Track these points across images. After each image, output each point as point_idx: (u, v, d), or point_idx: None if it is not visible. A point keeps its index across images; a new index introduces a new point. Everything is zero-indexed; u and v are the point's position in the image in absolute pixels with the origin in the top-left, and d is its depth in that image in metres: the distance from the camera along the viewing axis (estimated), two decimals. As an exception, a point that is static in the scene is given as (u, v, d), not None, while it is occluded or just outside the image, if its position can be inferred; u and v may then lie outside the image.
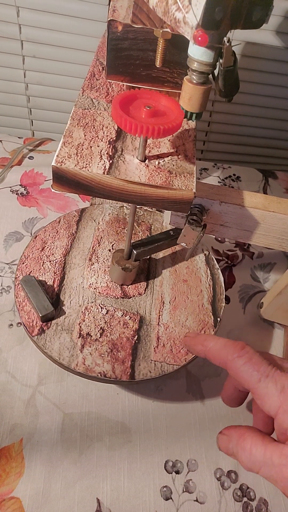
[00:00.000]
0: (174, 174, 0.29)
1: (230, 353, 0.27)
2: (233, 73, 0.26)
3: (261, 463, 0.25)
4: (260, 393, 0.25)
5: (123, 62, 0.31)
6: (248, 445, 0.25)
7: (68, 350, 0.35)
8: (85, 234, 0.44)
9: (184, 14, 0.23)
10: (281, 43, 0.58)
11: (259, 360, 0.26)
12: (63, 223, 0.45)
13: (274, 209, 0.36)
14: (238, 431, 0.27)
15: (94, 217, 0.46)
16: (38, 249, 0.42)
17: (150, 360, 0.36)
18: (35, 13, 0.56)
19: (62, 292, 0.39)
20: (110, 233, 0.45)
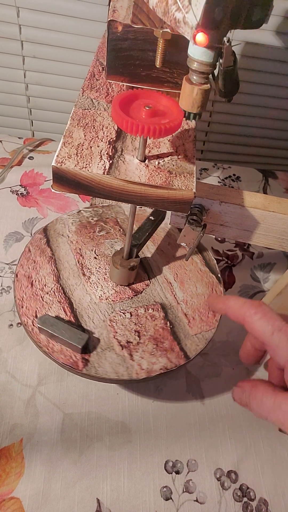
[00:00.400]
0: (174, 174, 0.29)
1: (248, 310, 0.29)
2: (233, 73, 0.26)
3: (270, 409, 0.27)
4: (273, 345, 0.28)
5: (123, 62, 0.31)
6: (260, 394, 0.28)
7: (120, 365, 0.35)
8: (62, 252, 0.42)
9: (184, 14, 0.23)
10: (281, 43, 0.58)
11: (273, 316, 0.29)
12: (34, 250, 0.42)
13: (274, 209, 0.36)
14: (251, 383, 0.29)
15: (61, 232, 0.44)
16: (27, 287, 0.39)
17: (191, 336, 0.38)
18: (35, 14, 0.56)
19: (78, 316, 0.37)
20: (85, 241, 0.43)
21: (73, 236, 0.44)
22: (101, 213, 0.47)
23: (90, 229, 0.45)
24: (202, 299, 0.41)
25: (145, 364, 0.35)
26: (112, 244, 0.44)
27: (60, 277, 0.40)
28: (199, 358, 0.44)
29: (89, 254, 0.42)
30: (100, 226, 0.45)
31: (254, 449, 0.39)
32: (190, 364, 0.43)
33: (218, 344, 0.45)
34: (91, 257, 0.42)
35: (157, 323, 0.38)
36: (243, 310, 0.30)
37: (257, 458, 0.38)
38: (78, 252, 0.42)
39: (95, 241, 0.44)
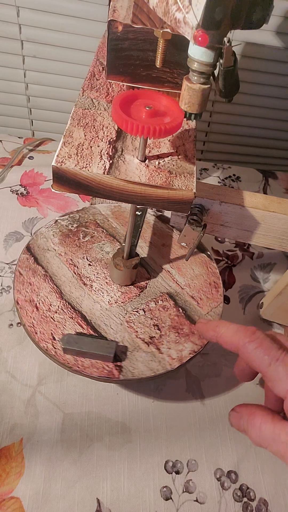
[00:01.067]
0: (174, 174, 0.29)
1: (242, 339, 0.28)
2: (233, 74, 0.26)
3: (269, 439, 0.26)
4: (271, 377, 0.27)
5: (123, 62, 0.31)
6: (258, 422, 0.27)
7: (152, 361, 0.35)
8: (55, 267, 0.41)
9: (184, 14, 0.23)
10: (281, 43, 0.58)
11: (269, 345, 0.27)
12: (26, 272, 0.40)
13: (274, 209, 0.36)
14: (249, 408, 0.28)
15: (45, 247, 0.42)
16: (33, 311, 0.37)
17: (205, 315, 0.40)
18: (35, 13, 0.56)
19: (96, 326, 0.37)
20: (73, 250, 0.42)
21: (59, 248, 0.42)
22: (78, 218, 0.45)
23: (74, 236, 0.44)
24: (202, 279, 0.42)
25: (174, 353, 0.36)
26: (100, 247, 0.43)
27: (63, 293, 0.39)
28: (199, 358, 0.44)
29: (82, 262, 0.41)
30: (83, 231, 0.44)
31: (254, 449, 0.39)
32: (190, 364, 0.43)
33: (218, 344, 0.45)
34: (85, 265, 0.41)
35: (170, 312, 0.39)
36: (236, 338, 0.29)
37: (257, 458, 0.38)
38: (71, 263, 0.41)
39: (83, 248, 0.43)
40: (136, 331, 0.37)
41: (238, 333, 0.29)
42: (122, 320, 0.38)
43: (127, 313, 0.38)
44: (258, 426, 0.27)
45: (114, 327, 0.37)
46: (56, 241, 0.43)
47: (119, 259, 0.39)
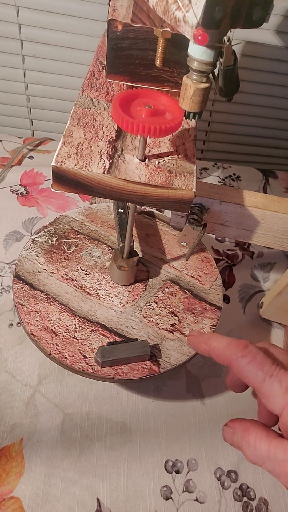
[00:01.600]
0: (174, 173, 0.29)
1: (234, 353, 0.27)
2: (233, 72, 0.26)
3: (265, 457, 0.25)
4: (265, 393, 0.26)
5: (123, 61, 0.31)
6: (253, 440, 0.26)
7: (182, 346, 0.37)
8: (54, 287, 0.39)
9: (184, 13, 0.23)
10: (281, 42, 0.58)
11: (262, 360, 0.27)
12: (26, 301, 0.37)
13: (275, 209, 0.36)
14: (243, 424, 0.27)
15: (34, 270, 0.40)
16: (52, 338, 0.35)
17: (209, 290, 0.41)
18: (35, 13, 0.55)
19: (119, 331, 0.37)
20: (64, 265, 0.41)
21: (49, 266, 0.40)
22: (55, 230, 0.43)
23: (58, 251, 0.42)
24: (194, 258, 0.44)
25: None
26: (89, 253, 0.42)
27: (73, 310, 0.38)
28: (199, 358, 0.44)
29: (78, 274, 0.40)
30: (65, 243, 0.43)
31: (254, 449, 0.39)
32: (190, 364, 0.43)
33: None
34: (82, 275, 0.40)
35: (179, 296, 0.40)
36: (228, 352, 0.28)
37: (257, 458, 0.38)
38: (68, 278, 0.40)
39: (73, 260, 0.41)
40: (157, 323, 0.38)
41: (230, 346, 0.28)
42: (140, 318, 0.38)
43: (141, 310, 0.39)
44: (252, 443, 0.26)
45: (135, 327, 0.38)
46: (42, 261, 0.40)
47: (120, 260, 0.39)
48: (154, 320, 0.38)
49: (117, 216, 0.42)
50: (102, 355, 0.33)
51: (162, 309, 0.39)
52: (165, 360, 0.35)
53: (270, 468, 0.25)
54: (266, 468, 0.25)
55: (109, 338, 0.36)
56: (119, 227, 0.41)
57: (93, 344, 0.36)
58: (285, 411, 0.25)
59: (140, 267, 0.42)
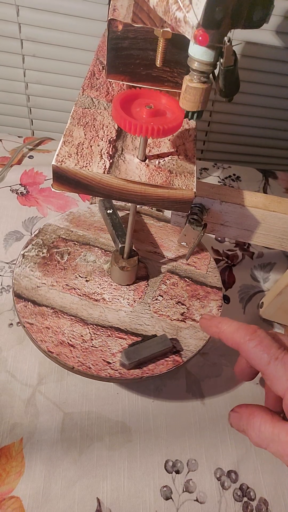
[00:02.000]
0: (175, 173, 0.29)
1: (242, 336, 0.28)
2: (234, 73, 0.26)
3: (269, 439, 0.26)
4: (270, 375, 0.27)
5: (123, 61, 0.31)
6: (258, 423, 0.27)
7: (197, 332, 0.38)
8: (57, 299, 0.38)
9: (184, 14, 0.23)
10: (281, 43, 0.58)
11: (269, 343, 0.27)
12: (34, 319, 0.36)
13: (275, 209, 0.36)
14: (248, 409, 0.28)
15: (33, 286, 0.39)
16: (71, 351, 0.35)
17: (206, 274, 0.43)
18: (35, 12, 0.55)
19: (134, 331, 0.37)
20: (61, 275, 0.40)
21: (47, 279, 0.39)
22: (42, 242, 0.42)
23: (52, 261, 0.41)
24: (184, 246, 0.45)
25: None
26: (84, 259, 0.42)
27: (84, 319, 0.37)
28: (199, 357, 0.44)
29: (78, 282, 0.40)
30: (57, 253, 0.42)
31: (254, 449, 0.39)
32: (190, 364, 0.43)
33: (218, 343, 0.45)
34: (83, 282, 0.40)
35: (181, 285, 0.41)
36: (237, 336, 0.29)
37: (257, 458, 0.38)
38: (70, 288, 0.39)
39: (69, 268, 0.41)
40: (168, 315, 0.39)
41: (240, 330, 0.29)
42: (150, 313, 0.39)
43: (150, 306, 0.39)
44: (257, 426, 0.27)
45: (148, 323, 0.38)
46: (39, 275, 0.40)
47: (121, 261, 0.39)
48: (164, 313, 0.39)
49: (107, 218, 0.42)
50: (128, 357, 0.34)
51: (169, 300, 0.40)
52: (185, 349, 0.36)
53: (274, 450, 0.26)
54: (270, 450, 0.26)
55: (126, 339, 0.36)
56: (113, 228, 0.41)
57: (112, 348, 0.36)
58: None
59: (141, 264, 0.42)
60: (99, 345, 0.36)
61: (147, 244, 0.44)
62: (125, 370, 0.34)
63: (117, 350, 0.36)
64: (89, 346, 0.36)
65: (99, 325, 0.37)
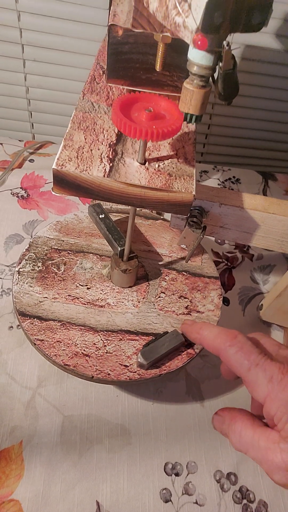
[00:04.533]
0: (174, 176, 0.29)
1: (223, 342, 0.28)
2: (233, 77, 0.26)
3: (249, 445, 0.26)
4: (250, 381, 0.27)
5: (124, 66, 0.32)
6: (239, 428, 0.27)
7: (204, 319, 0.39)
8: (62, 311, 0.38)
9: (184, 19, 0.23)
10: (280, 46, 0.58)
11: (250, 349, 0.27)
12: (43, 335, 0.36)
13: (274, 211, 0.36)
14: (231, 413, 0.29)
15: (35, 301, 0.38)
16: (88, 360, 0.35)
17: (201, 265, 0.44)
18: (36, 18, 0.56)
19: (144, 331, 0.38)
20: (61, 286, 0.39)
21: (48, 293, 0.39)
22: (35, 256, 0.41)
23: (50, 274, 0.40)
24: (175, 241, 0.46)
25: (210, 306, 0.40)
26: (81, 267, 0.41)
27: (93, 327, 0.37)
28: (199, 360, 0.44)
29: (80, 291, 0.39)
30: (52, 265, 0.41)
31: (254, 452, 0.39)
32: (189, 366, 0.43)
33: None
34: (85, 290, 0.40)
35: (180, 279, 0.42)
36: (217, 342, 0.29)
37: (257, 461, 0.38)
38: (73, 298, 0.39)
39: (68, 278, 0.40)
40: (173, 311, 0.39)
41: (220, 336, 0.29)
42: (156, 311, 0.39)
43: (154, 304, 0.40)
44: (238, 431, 0.27)
45: (156, 321, 0.38)
46: (39, 290, 0.39)
47: (122, 264, 0.39)
48: (169, 309, 0.40)
49: (100, 223, 0.42)
50: (145, 358, 0.34)
51: (171, 296, 0.41)
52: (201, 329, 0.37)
53: (253, 455, 0.26)
54: (250, 455, 0.26)
55: (138, 340, 0.37)
56: (109, 232, 0.41)
57: (127, 351, 0.36)
58: (268, 399, 0.26)
59: None
60: (113, 350, 0.36)
61: (140, 244, 0.45)
62: (143, 371, 0.35)
63: (131, 352, 0.36)
64: (103, 353, 0.35)
65: (109, 331, 0.37)
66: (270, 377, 0.26)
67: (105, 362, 0.35)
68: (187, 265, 0.43)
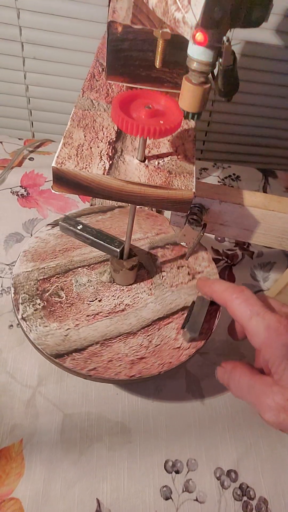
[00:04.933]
0: (174, 174, 0.29)
1: (230, 294, 0.31)
2: (233, 73, 0.26)
3: (245, 390, 0.29)
4: (250, 329, 0.29)
5: (123, 63, 0.31)
6: (238, 375, 0.30)
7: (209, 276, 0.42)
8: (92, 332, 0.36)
9: (183, 14, 0.23)
10: (280, 42, 0.58)
11: (253, 301, 0.30)
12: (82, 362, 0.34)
13: (274, 208, 0.36)
14: (232, 364, 0.32)
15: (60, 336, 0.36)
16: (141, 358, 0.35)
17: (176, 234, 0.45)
18: (36, 15, 0.56)
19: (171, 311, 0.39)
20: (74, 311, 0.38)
21: (67, 323, 0.37)
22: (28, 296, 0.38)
23: (56, 305, 0.38)
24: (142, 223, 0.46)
25: (204, 263, 0.43)
26: (78, 285, 0.39)
27: (129, 331, 0.37)
28: (199, 357, 0.44)
29: (94, 306, 0.38)
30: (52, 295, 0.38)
31: (254, 448, 0.39)
32: (189, 363, 0.43)
33: (218, 343, 0.45)
34: (98, 304, 0.38)
35: (168, 253, 0.44)
36: (226, 294, 0.32)
37: (257, 457, 0.38)
38: (93, 316, 0.37)
39: (75, 301, 0.38)
40: (181, 282, 0.41)
41: (229, 289, 0.32)
42: (169, 290, 0.40)
43: (163, 285, 0.41)
44: (237, 378, 0.30)
45: (175, 297, 0.40)
46: (56, 325, 0.36)
47: (126, 263, 0.38)
48: (177, 282, 0.41)
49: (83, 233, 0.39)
50: (193, 330, 0.35)
51: (172, 271, 0.42)
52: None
53: (249, 399, 0.29)
54: (246, 400, 0.29)
55: (172, 321, 0.38)
56: (98, 239, 0.39)
57: (171, 335, 0.37)
58: (264, 346, 0.28)
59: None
60: (160, 341, 0.36)
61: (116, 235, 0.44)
62: (195, 344, 0.36)
63: (175, 334, 0.37)
64: (153, 348, 0.36)
65: (144, 327, 0.37)
66: (268, 325, 0.28)
67: (160, 355, 0.35)
68: (164, 238, 0.45)
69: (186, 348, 0.36)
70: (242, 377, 0.30)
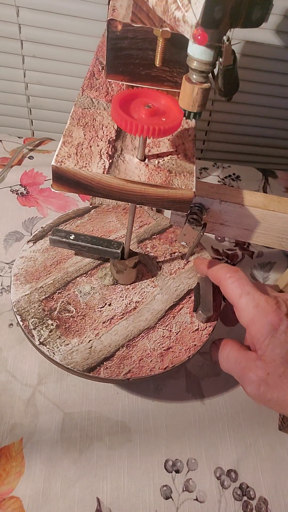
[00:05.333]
0: (174, 173, 0.29)
1: (224, 273, 0.33)
2: (233, 72, 0.26)
3: (232, 364, 0.31)
4: (240, 308, 0.31)
5: (123, 61, 0.31)
6: (227, 351, 0.32)
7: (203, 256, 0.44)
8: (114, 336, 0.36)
9: (183, 13, 0.23)
10: (280, 41, 0.58)
11: (245, 281, 0.32)
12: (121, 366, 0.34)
13: (274, 208, 0.36)
14: (224, 340, 0.33)
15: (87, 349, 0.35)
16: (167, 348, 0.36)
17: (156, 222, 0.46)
18: (35, 13, 0.56)
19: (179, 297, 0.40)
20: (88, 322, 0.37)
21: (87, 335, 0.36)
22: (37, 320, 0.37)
23: (69, 321, 0.37)
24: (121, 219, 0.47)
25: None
26: (83, 295, 0.39)
27: (148, 326, 0.37)
28: (199, 357, 0.44)
29: (106, 312, 0.38)
30: (60, 312, 0.37)
31: (254, 448, 0.39)
32: (190, 363, 0.43)
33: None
34: (109, 308, 0.38)
35: (157, 243, 0.45)
36: (220, 273, 0.33)
37: (257, 457, 0.38)
38: (109, 321, 0.37)
39: (86, 312, 0.38)
40: (178, 268, 0.43)
41: (223, 268, 0.33)
42: (170, 278, 0.41)
43: (162, 274, 0.42)
44: (226, 353, 0.32)
45: (178, 283, 0.41)
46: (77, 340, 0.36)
47: (126, 264, 0.38)
48: (174, 268, 0.42)
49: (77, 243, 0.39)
50: (207, 310, 0.37)
51: (166, 258, 0.43)
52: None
53: (235, 374, 0.31)
54: (233, 373, 0.31)
55: (183, 307, 0.39)
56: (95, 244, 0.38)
57: (186, 320, 0.38)
58: (250, 323, 0.30)
59: None
60: (179, 328, 0.37)
61: (105, 235, 0.45)
62: (211, 323, 0.38)
63: (189, 318, 0.38)
64: (175, 337, 0.37)
65: (160, 319, 0.38)
66: (256, 304, 0.30)
67: (183, 340, 0.37)
68: (148, 228, 0.46)
69: (203, 328, 0.38)
70: (231, 353, 0.31)
